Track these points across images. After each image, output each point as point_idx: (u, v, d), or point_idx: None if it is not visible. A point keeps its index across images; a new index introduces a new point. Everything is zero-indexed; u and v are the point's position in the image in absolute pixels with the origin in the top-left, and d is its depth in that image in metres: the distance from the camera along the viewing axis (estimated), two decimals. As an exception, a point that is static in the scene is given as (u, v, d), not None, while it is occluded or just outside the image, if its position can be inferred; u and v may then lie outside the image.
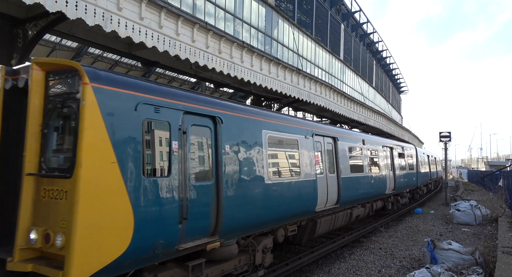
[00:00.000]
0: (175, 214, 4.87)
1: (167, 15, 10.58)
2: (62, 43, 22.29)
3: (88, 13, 8.47)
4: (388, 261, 9.64)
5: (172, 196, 4.88)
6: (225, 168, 5.86)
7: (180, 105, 5.23)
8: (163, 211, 4.71)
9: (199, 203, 5.31)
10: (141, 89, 4.78)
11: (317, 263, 9.32)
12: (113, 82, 4.44)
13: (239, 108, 6.78)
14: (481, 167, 79.47)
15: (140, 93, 4.70)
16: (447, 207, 19.83)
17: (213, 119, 5.85)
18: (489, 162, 76.04)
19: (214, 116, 5.85)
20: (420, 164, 21.49)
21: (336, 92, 22.55)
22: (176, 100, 5.22)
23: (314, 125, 9.75)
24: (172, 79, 30.22)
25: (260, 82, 15.04)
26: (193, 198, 5.20)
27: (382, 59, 43.25)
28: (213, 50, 12.41)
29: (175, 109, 5.12)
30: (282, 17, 17.68)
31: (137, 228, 4.35)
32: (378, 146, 14.16)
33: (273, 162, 7.34)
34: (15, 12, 8.86)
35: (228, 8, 13.80)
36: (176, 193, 4.93)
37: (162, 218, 4.70)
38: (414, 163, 20.11)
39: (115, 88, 4.42)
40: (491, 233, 13.02)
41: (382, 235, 13.01)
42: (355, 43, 31.47)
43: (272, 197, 7.03)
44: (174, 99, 5.19)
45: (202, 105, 5.70)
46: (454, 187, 34.20)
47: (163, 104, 4.97)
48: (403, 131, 45.30)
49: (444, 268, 7.50)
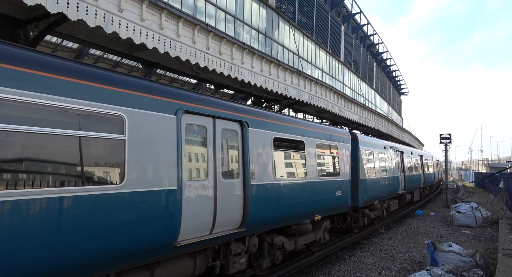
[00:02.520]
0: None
1: (168, 17, 10.60)
2: (63, 44, 22.33)
3: (89, 14, 8.48)
4: (389, 263, 9.62)
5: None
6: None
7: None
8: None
9: None
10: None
11: (317, 264, 9.31)
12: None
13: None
14: (482, 169, 79.38)
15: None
16: (448, 209, 19.80)
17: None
18: (489, 164, 76.05)
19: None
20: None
21: (336, 93, 22.55)
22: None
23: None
24: (173, 80, 30.23)
25: (261, 83, 15.04)
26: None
27: (382, 61, 43.27)
28: (214, 52, 12.43)
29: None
30: (282, 18, 17.71)
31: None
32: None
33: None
34: (16, 13, 8.88)
35: (229, 10, 13.82)
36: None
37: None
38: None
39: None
40: (491, 235, 13.00)
41: (382, 237, 12.99)
42: (355, 44, 31.50)
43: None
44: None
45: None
46: (454, 189, 34.19)
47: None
48: (404, 133, 45.27)
49: (445, 270, 7.49)
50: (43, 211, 3.76)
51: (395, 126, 41.04)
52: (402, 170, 17.57)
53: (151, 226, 4.77)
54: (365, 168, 12.48)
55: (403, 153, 18.10)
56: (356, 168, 11.88)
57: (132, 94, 4.77)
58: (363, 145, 12.71)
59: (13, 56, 3.75)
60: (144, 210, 4.70)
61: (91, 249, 4.13)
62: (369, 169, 12.93)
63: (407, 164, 18.80)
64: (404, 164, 18.05)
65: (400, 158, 17.52)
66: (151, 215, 4.79)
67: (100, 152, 4.44)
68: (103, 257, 4.28)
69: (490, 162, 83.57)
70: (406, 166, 18.35)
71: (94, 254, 4.16)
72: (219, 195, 5.91)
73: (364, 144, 12.79)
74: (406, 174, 18.09)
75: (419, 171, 21.81)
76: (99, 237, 4.19)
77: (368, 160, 12.99)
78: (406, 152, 19.33)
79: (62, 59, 4.33)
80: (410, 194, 19.90)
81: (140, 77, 5.37)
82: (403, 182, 17.45)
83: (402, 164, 17.77)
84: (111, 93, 4.53)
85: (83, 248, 4.05)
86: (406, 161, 18.68)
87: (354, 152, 11.88)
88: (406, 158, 18.66)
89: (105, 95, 4.46)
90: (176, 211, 5.10)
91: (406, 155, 18.98)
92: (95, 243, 4.16)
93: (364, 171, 12.34)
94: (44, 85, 3.88)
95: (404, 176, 17.72)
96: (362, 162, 12.22)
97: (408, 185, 18.40)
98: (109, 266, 4.45)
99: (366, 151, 12.92)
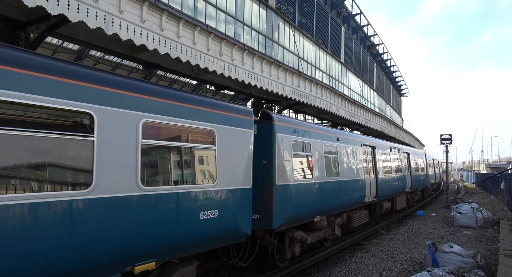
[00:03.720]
0: None
1: (168, 18, 10.61)
2: (64, 46, 22.36)
3: (89, 16, 8.50)
4: (389, 264, 9.61)
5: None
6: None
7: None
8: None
9: None
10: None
11: (317, 265, 9.30)
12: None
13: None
14: (482, 169, 79.33)
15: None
16: (448, 209, 19.78)
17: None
18: (490, 164, 76.02)
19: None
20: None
21: (336, 94, 22.56)
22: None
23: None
24: (173, 81, 30.26)
25: (261, 84, 15.05)
26: None
27: (382, 62, 43.30)
28: (214, 53, 12.44)
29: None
30: (283, 19, 17.73)
31: None
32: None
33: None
34: (17, 15, 8.89)
35: (229, 11, 13.84)
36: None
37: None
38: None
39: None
40: (492, 236, 12.98)
41: (383, 237, 12.97)
42: (355, 45, 31.53)
43: None
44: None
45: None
46: (455, 190, 34.15)
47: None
48: (404, 134, 45.25)
49: (446, 271, 7.48)
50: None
51: (396, 127, 41.03)
52: (374, 171, 13.22)
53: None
54: (289, 168, 7.88)
55: (375, 149, 13.59)
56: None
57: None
58: (285, 132, 7.89)
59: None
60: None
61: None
62: (296, 169, 8.14)
63: (382, 163, 14.37)
64: (377, 164, 13.53)
65: (371, 155, 13.31)
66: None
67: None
68: None
69: (491, 163, 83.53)
70: (380, 166, 13.88)
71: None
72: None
73: (286, 131, 7.97)
74: (381, 176, 13.66)
75: (401, 172, 17.05)
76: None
77: (294, 155, 8.16)
78: (381, 147, 14.56)
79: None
80: (390, 202, 15.64)
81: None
82: (375, 187, 13.06)
83: (374, 163, 13.34)
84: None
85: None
86: (380, 158, 14.22)
87: (264, 142, 7.50)
88: (379, 155, 13.97)
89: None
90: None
91: (382, 151, 14.49)
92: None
93: (286, 173, 7.68)
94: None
95: (376, 179, 13.23)
96: (280, 158, 7.60)
97: (384, 190, 13.91)
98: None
99: (292, 141, 8.10)
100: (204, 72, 12.90)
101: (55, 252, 3.74)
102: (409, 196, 19.87)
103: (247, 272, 8.35)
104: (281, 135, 7.60)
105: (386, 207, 15.08)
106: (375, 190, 13.05)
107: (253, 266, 8.21)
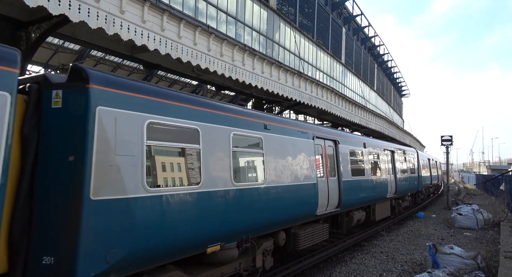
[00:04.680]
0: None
1: (169, 18, 10.62)
2: (65, 46, 22.40)
3: (91, 16, 8.51)
4: (390, 265, 9.60)
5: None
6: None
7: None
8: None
9: None
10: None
11: (318, 266, 9.29)
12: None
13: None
14: (483, 171, 79.25)
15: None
16: (449, 211, 19.76)
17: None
18: (491, 166, 75.89)
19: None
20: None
21: (337, 95, 22.56)
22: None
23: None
24: (174, 81, 30.29)
25: (262, 85, 15.06)
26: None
27: (383, 63, 43.31)
28: (215, 53, 12.45)
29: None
30: (283, 20, 17.73)
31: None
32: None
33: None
34: (18, 15, 8.91)
35: (230, 12, 13.85)
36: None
37: None
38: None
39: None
40: (493, 238, 12.96)
41: (383, 239, 12.96)
42: (356, 46, 31.54)
43: None
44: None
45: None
46: (455, 191, 34.13)
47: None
48: (405, 135, 45.24)
49: (446, 273, 7.46)
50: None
51: (396, 128, 41.03)
52: (336, 172, 10.19)
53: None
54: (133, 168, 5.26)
55: (337, 143, 10.42)
56: None
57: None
58: (123, 105, 4.65)
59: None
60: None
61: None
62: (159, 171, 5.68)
63: (350, 163, 11.04)
64: (340, 162, 10.36)
65: (333, 151, 10.26)
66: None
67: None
68: None
69: (491, 164, 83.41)
70: (346, 166, 10.74)
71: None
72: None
73: (126, 102, 4.75)
74: (347, 178, 10.57)
75: (379, 174, 13.57)
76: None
77: (154, 150, 5.92)
78: (348, 142, 11.36)
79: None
80: (365, 211, 12.69)
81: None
82: (336, 193, 9.93)
83: (337, 162, 10.30)
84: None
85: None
86: (346, 156, 10.90)
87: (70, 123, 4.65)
88: (344, 151, 10.82)
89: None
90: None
91: (350, 147, 11.28)
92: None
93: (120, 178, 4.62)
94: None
95: (339, 183, 10.10)
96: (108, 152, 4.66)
97: (351, 197, 10.78)
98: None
99: (147, 123, 4.88)
100: (204, 73, 12.91)
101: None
102: (394, 202, 16.58)
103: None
104: (111, 111, 4.29)
105: (359, 218, 11.92)
106: (336, 197, 9.87)
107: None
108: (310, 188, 8.50)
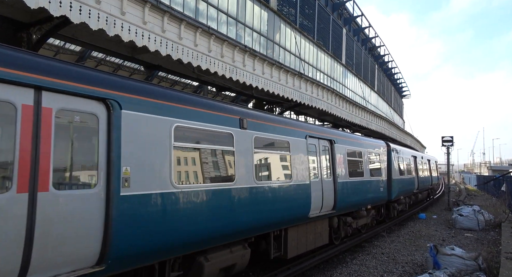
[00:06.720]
0: None
1: (170, 20, 10.64)
2: (66, 47, 22.43)
3: (91, 18, 8.53)
4: (390, 266, 9.59)
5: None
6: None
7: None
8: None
9: None
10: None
11: (318, 267, 9.28)
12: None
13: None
14: (484, 172, 79.13)
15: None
16: (450, 212, 19.73)
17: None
18: (491, 166, 75.73)
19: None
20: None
21: (338, 96, 22.56)
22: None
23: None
24: (175, 82, 30.31)
25: (262, 86, 15.06)
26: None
27: (384, 63, 43.31)
28: (216, 54, 12.46)
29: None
30: (284, 21, 17.74)
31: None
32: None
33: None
34: (19, 16, 8.93)
35: (230, 13, 13.86)
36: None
37: None
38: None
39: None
40: (494, 239, 12.94)
41: (384, 240, 12.94)
42: (357, 47, 31.54)
43: None
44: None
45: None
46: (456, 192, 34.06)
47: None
48: (405, 136, 45.21)
49: (447, 274, 7.45)
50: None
51: (397, 129, 41.00)
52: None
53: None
54: None
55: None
56: None
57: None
58: None
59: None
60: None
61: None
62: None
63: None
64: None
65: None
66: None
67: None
68: None
69: (492, 165, 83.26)
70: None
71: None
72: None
73: None
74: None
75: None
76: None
77: None
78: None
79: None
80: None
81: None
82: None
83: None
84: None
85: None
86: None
87: None
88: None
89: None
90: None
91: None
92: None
93: None
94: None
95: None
96: None
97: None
98: None
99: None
100: (205, 74, 12.92)
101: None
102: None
103: (247, 273, 8.34)
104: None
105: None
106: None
107: (253, 266, 8.10)
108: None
